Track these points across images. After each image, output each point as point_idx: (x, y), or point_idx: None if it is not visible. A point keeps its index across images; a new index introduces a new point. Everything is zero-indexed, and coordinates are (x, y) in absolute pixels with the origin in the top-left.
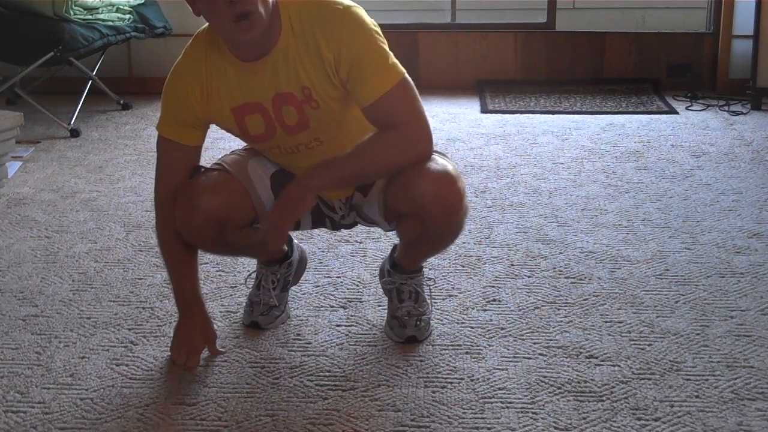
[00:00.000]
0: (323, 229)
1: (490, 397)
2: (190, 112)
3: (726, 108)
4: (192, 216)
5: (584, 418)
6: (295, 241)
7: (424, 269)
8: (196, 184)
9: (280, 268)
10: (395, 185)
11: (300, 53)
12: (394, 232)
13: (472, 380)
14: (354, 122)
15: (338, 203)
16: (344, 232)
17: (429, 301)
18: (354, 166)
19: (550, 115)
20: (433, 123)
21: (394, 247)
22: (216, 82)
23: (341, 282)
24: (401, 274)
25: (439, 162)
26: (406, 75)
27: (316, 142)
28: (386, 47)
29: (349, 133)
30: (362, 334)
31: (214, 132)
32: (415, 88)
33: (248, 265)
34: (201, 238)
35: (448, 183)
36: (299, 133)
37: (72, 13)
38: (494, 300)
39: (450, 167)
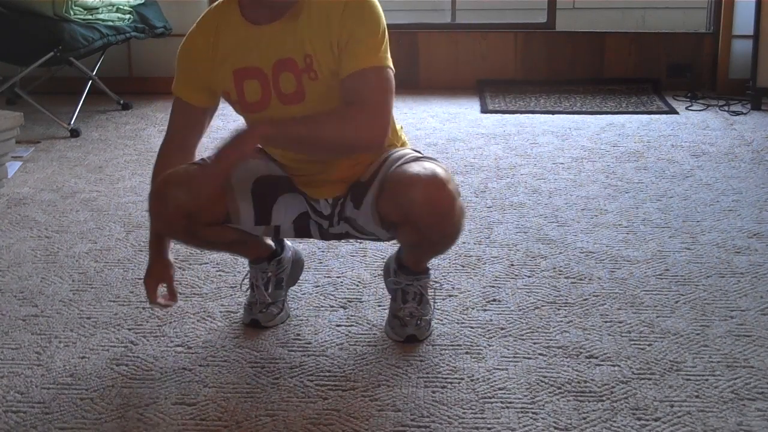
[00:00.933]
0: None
1: (490, 397)
2: (196, 72)
3: (726, 108)
4: (162, 206)
5: (584, 418)
6: (288, 242)
7: (431, 271)
8: (173, 175)
9: (269, 266)
10: (385, 196)
11: (311, 21)
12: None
13: (472, 380)
14: None
15: (323, 203)
16: None
17: (432, 304)
18: (302, 129)
19: (550, 115)
20: (433, 123)
21: (401, 246)
22: (223, 41)
23: (341, 282)
24: (407, 276)
25: (427, 167)
26: (391, 70)
27: None
28: (386, 42)
29: None
30: (362, 334)
31: (215, 132)
32: (393, 84)
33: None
34: (172, 229)
35: (438, 187)
36: (293, 105)
37: (72, 13)
38: (494, 300)
39: (439, 171)
